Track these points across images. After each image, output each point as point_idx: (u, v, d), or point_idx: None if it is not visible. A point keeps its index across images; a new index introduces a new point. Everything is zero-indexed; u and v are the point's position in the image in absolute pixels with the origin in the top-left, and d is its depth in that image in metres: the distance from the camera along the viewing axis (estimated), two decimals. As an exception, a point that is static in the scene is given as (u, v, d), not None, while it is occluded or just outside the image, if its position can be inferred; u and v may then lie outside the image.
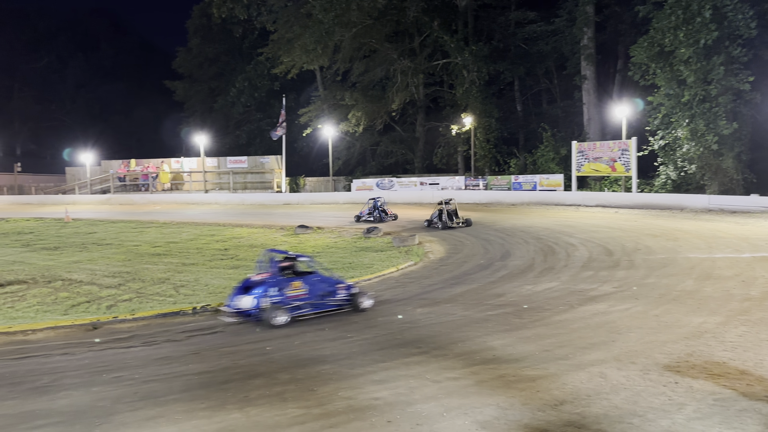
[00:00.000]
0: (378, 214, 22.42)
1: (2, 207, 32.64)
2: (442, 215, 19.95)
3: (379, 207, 22.62)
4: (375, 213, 22.47)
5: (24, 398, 5.36)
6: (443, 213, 19.98)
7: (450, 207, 20.15)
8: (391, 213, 22.94)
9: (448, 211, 19.99)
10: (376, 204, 22.70)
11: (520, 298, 9.40)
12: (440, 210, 20.18)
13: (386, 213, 22.66)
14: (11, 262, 14.50)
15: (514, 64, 37.90)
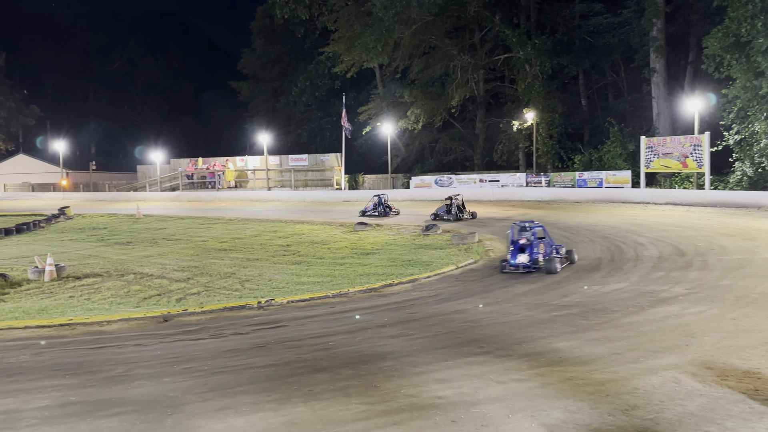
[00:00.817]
0: (382, 209, 23.71)
1: (79, 203, 34.42)
2: (452, 209, 21.23)
3: (384, 203, 23.96)
4: (379, 208, 23.79)
5: (101, 386, 5.61)
6: (452, 206, 21.26)
7: (458, 201, 21.56)
8: (394, 208, 24.32)
9: (457, 205, 21.33)
10: (380, 200, 24.06)
11: (586, 299, 9.13)
12: (448, 204, 21.50)
13: (390, 208, 24.02)
14: (87, 256, 15.27)
15: (578, 58, 36.85)
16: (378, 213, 23.52)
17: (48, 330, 7.95)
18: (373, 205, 24.07)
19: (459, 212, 21.28)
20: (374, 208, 23.83)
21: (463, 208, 21.56)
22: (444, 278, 11.75)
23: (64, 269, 12.37)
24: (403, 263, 13.33)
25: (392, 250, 15.43)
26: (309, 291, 10.46)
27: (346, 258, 14.35)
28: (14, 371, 6.21)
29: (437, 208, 22.17)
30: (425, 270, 12.37)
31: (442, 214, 21.49)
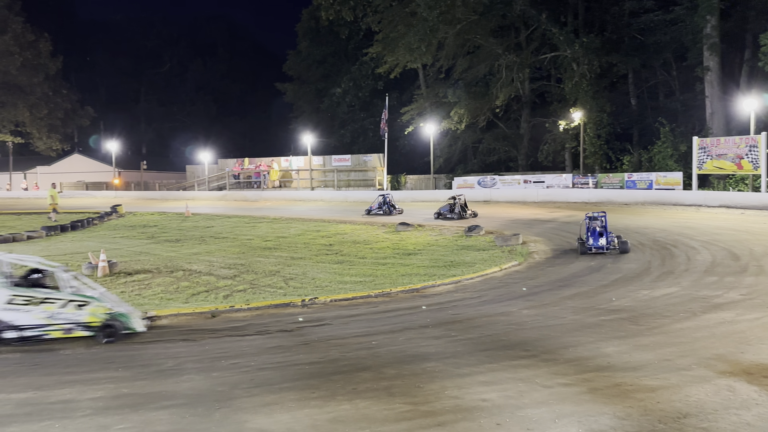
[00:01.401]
0: (387, 207, 24.93)
1: (130, 202, 35.52)
2: (455, 208, 22.42)
3: (388, 202, 25.21)
4: (384, 207, 25.02)
5: (152, 379, 5.78)
6: (456, 206, 22.46)
7: (461, 201, 22.74)
8: (398, 207, 25.40)
9: (460, 204, 22.52)
10: (385, 199, 25.34)
11: (636, 304, 8.89)
12: (452, 204, 22.68)
13: (394, 207, 25.20)
14: (138, 252, 15.73)
15: (628, 56, 35.94)
16: (383, 212, 24.81)
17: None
18: (378, 204, 25.37)
19: (462, 211, 22.47)
20: (379, 207, 25.18)
21: (465, 207, 22.78)
22: (487, 280, 11.64)
23: (116, 265, 12.77)
24: (445, 264, 13.27)
25: (434, 251, 15.38)
26: (351, 290, 10.52)
27: (388, 258, 14.37)
28: (70, 363, 6.46)
29: (440, 207, 23.31)
30: (468, 271, 12.28)
31: (445, 213, 22.63)
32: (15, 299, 7.17)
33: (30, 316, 7.18)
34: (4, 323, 7.10)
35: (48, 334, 7.28)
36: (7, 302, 7.13)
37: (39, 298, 7.25)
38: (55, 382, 5.70)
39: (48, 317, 7.25)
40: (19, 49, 50.05)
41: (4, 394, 5.37)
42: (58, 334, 7.31)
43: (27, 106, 51.93)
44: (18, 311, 7.15)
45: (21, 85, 51.29)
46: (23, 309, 7.16)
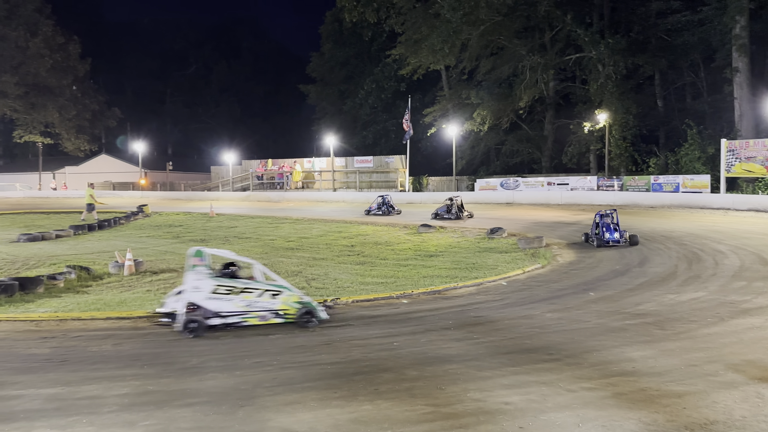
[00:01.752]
0: (385, 208, 26.14)
1: (156, 202, 36.03)
2: (452, 208, 23.32)
3: (387, 203, 26.36)
4: (383, 207, 26.20)
5: (177, 377, 5.85)
6: (453, 206, 23.38)
7: (457, 201, 23.72)
8: (396, 208, 26.55)
9: (456, 205, 23.50)
10: (384, 200, 26.51)
11: (661, 308, 8.75)
12: (449, 205, 23.58)
13: (393, 208, 26.40)
14: (164, 252, 15.94)
15: (654, 57, 35.47)
16: (382, 212, 26.01)
17: (127, 321, 8.35)
18: (377, 205, 26.62)
19: (459, 211, 23.40)
20: (378, 208, 26.43)
21: (462, 208, 23.71)
22: (510, 282, 11.55)
23: (142, 264, 12.96)
24: (467, 266, 13.21)
25: (456, 253, 15.32)
26: (373, 291, 10.53)
27: (410, 259, 14.36)
28: (97, 359, 6.56)
29: (438, 208, 24.20)
30: (490, 274, 12.21)
31: (442, 213, 23.53)
32: (218, 289, 7.81)
33: (231, 305, 7.81)
34: (210, 311, 7.72)
35: (246, 321, 7.90)
36: (211, 292, 7.75)
37: (239, 288, 7.88)
38: (83, 379, 5.80)
39: (246, 305, 7.88)
40: (49, 51, 51.17)
41: (34, 389, 5.48)
42: (255, 321, 7.93)
43: (56, 108, 53.05)
44: (221, 300, 7.78)
45: (51, 87, 52.42)
46: (225, 298, 7.80)
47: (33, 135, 55.29)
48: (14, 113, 53.18)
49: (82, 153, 57.83)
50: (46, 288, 10.51)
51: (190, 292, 7.72)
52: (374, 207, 26.61)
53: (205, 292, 7.71)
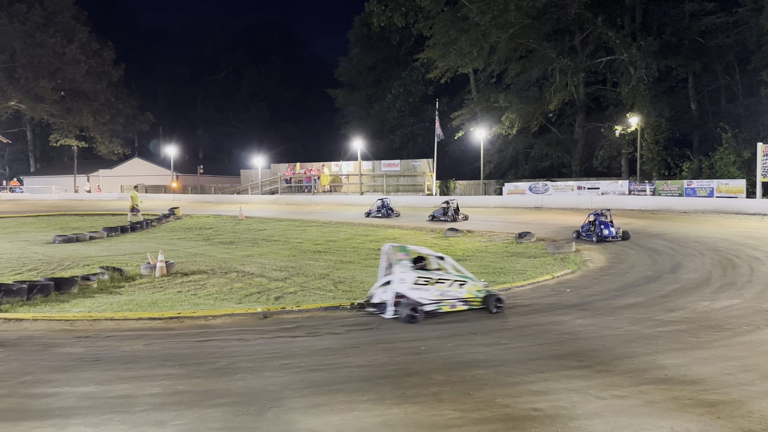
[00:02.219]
0: (385, 211, 27.21)
1: (187, 204, 36.60)
2: (448, 211, 24.49)
3: (386, 206, 27.47)
4: (383, 210, 27.25)
5: (206, 377, 5.93)
6: (449, 209, 24.53)
7: (453, 205, 24.85)
8: (395, 210, 27.67)
9: (453, 208, 24.61)
10: (383, 203, 27.61)
11: (695, 315, 8.56)
12: (445, 207, 24.74)
13: (392, 210, 27.49)
14: (194, 254, 16.19)
15: (688, 60, 34.74)
16: (381, 215, 27.10)
17: (158, 322, 8.50)
18: (377, 208, 27.66)
19: (455, 214, 24.51)
20: (378, 210, 27.45)
21: (458, 211, 24.84)
22: (538, 288, 11.42)
23: (173, 266, 13.17)
24: (495, 271, 13.11)
25: (484, 257, 15.22)
26: (401, 295, 10.50)
27: (438, 263, 14.30)
28: (129, 359, 6.68)
29: (434, 211, 25.34)
30: (518, 279, 12.09)
31: (439, 216, 24.68)
32: (419, 280, 8.68)
33: (429, 294, 8.70)
34: (412, 300, 8.54)
35: (441, 308, 8.78)
36: (413, 283, 8.62)
37: (434, 279, 8.79)
38: (115, 378, 5.91)
39: (440, 294, 8.80)
40: (85, 57, 52.45)
41: (68, 387, 5.61)
42: (446, 308, 8.83)
43: (91, 112, 54.31)
44: (420, 290, 8.65)
45: (86, 92, 53.71)
46: (424, 288, 8.68)
47: (68, 139, 56.72)
48: (51, 117, 54.64)
49: (115, 156, 59.08)
50: (80, 288, 10.76)
51: (398, 284, 8.58)
52: (374, 210, 27.63)
53: (409, 283, 8.58)
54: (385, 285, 8.84)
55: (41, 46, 49.60)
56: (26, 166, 67.99)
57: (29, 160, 68.48)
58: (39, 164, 69.23)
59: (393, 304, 8.53)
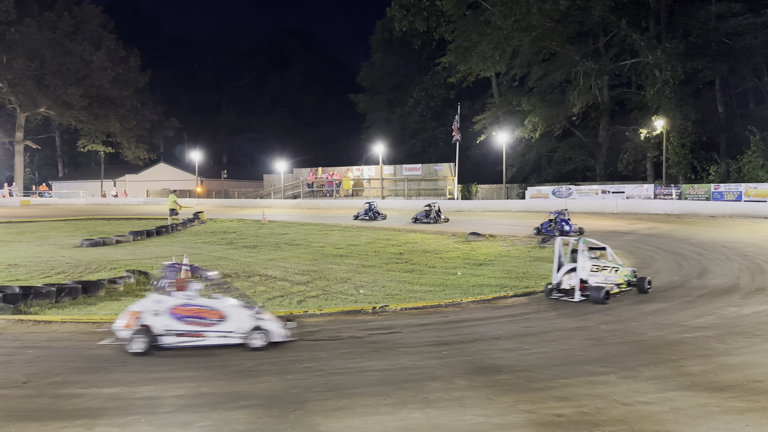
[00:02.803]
0: (372, 214, 27.95)
1: (211, 209, 36.99)
2: (430, 213, 25.85)
3: (373, 209, 28.27)
4: (370, 213, 28.03)
5: (230, 380, 5.99)
6: (431, 212, 25.92)
7: (435, 208, 26.26)
8: (382, 213, 28.54)
9: (435, 211, 25.98)
10: (371, 206, 28.43)
11: (722, 321, 8.41)
12: (427, 210, 26.14)
13: (379, 213, 28.37)
14: (218, 257, 16.35)
15: (715, 62, 34.12)
16: (368, 217, 27.71)
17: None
18: (364, 211, 28.37)
19: (436, 216, 25.85)
20: (365, 213, 28.13)
21: (440, 213, 26.29)
22: (562, 292, 11.30)
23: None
24: (517, 275, 13.02)
25: (506, 262, 15.13)
26: (422, 299, 10.51)
27: (459, 268, 14.26)
28: (155, 361, 6.78)
29: (417, 213, 26.72)
30: (542, 283, 11.98)
31: (421, 218, 25.97)
32: (593, 268, 10.16)
33: (598, 279, 10.12)
34: (590, 285, 9.98)
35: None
36: (590, 270, 10.07)
37: (601, 266, 10.27)
38: (141, 379, 6.01)
39: (604, 279, 10.21)
40: (112, 64, 53.37)
41: (96, 389, 5.72)
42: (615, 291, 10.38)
43: (117, 118, 55.23)
44: (594, 276, 10.11)
45: (112, 98, 54.64)
46: (595, 274, 10.13)
47: (96, 144, 57.77)
48: (79, 123, 55.71)
49: (141, 161, 59.99)
50: (107, 291, 10.95)
51: (582, 271, 10.02)
52: (362, 213, 28.48)
53: (587, 271, 10.03)
54: (569, 272, 10.27)
55: (70, 53, 50.63)
56: (55, 172, 69.41)
57: (58, 165, 69.91)
58: (67, 169, 70.63)
59: (579, 289, 9.95)
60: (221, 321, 7.22)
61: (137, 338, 6.93)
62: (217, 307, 7.32)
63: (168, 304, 7.21)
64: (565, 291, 10.25)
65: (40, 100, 50.80)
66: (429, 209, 26.35)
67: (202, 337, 7.17)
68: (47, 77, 50.80)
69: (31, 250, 17.80)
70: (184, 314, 7.16)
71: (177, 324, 7.11)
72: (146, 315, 7.09)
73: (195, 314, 7.19)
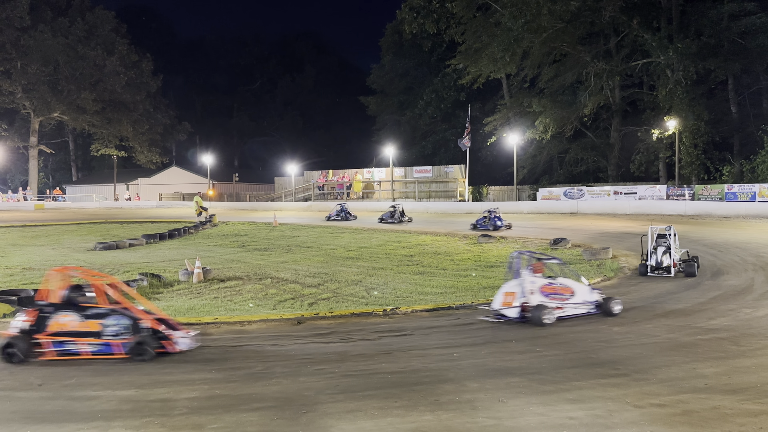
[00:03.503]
0: (344, 214, 29.30)
1: (223, 212, 37.20)
2: (395, 214, 27.12)
3: (345, 209, 29.66)
4: (342, 214, 29.33)
5: (242, 382, 6.04)
6: (396, 212, 27.19)
7: (399, 208, 27.61)
8: (353, 214, 29.80)
9: (399, 211, 27.30)
10: (342, 207, 29.87)
11: (736, 323, 8.34)
12: (392, 211, 27.38)
13: (350, 214, 29.62)
14: (230, 260, 16.45)
15: (727, 61, 33.77)
16: (340, 218, 29.09)
17: (196, 327, 8.67)
18: (336, 212, 29.72)
19: (401, 216, 27.10)
20: (337, 214, 29.48)
21: (403, 214, 27.49)
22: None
23: (210, 272, 13.43)
24: (530, 277, 12.97)
25: (518, 264, 15.07)
26: (432, 301, 10.51)
27: (470, 270, 14.25)
28: (167, 364, 6.84)
29: (383, 214, 27.86)
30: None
31: (387, 218, 27.13)
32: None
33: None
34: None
35: None
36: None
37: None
38: (155, 382, 6.07)
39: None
40: (125, 69, 53.87)
41: (110, 391, 5.78)
42: None
43: (130, 122, 55.71)
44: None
45: (125, 103, 55.12)
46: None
47: (109, 148, 58.31)
48: (92, 128, 56.28)
49: (154, 165, 60.45)
50: (121, 294, 11.04)
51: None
52: (333, 213, 29.60)
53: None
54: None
55: (83, 58, 51.16)
56: (68, 176, 70.11)
57: (71, 169, 70.61)
58: (81, 173, 71.30)
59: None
60: (572, 296, 8.94)
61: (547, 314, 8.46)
62: (568, 284, 9.07)
63: (538, 284, 8.78)
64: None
65: (54, 104, 51.37)
66: (393, 210, 27.65)
67: (562, 310, 8.78)
68: (61, 82, 51.38)
69: (46, 254, 18.00)
70: (549, 291, 8.83)
71: (545, 299, 8.68)
72: (522, 294, 8.66)
73: (555, 291, 8.87)
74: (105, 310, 7.13)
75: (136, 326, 7.01)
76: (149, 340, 6.90)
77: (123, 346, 6.93)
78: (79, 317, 7.02)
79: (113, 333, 6.98)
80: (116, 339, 6.95)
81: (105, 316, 7.06)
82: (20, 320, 7.01)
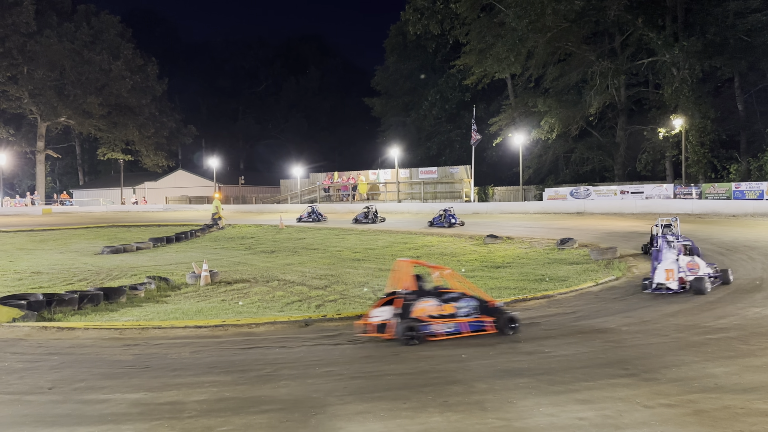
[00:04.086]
0: (315, 215, 30.56)
1: (229, 215, 37.27)
2: (369, 214, 28.52)
3: (316, 211, 30.91)
4: (313, 215, 30.58)
5: (251, 384, 6.04)
6: (369, 213, 28.58)
7: (373, 209, 29.07)
8: (323, 216, 31.07)
9: (372, 212, 28.75)
10: (313, 209, 31.24)
11: (745, 322, 8.29)
12: (366, 212, 28.79)
13: (321, 215, 30.95)
14: (237, 263, 16.48)
15: (733, 59, 33.66)
16: (312, 219, 30.27)
17: (204, 330, 8.69)
18: (307, 213, 30.83)
19: (374, 216, 28.38)
20: (308, 215, 30.63)
21: (377, 214, 28.83)
22: (582, 295, 11.24)
23: (217, 275, 13.45)
24: (536, 278, 12.95)
25: (524, 264, 15.06)
26: (441, 303, 10.47)
27: (477, 271, 14.22)
28: (176, 366, 6.85)
29: (357, 215, 29.10)
30: (561, 286, 11.93)
31: (361, 219, 28.34)
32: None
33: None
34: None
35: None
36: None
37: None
38: (164, 385, 6.08)
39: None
40: (130, 73, 54.16)
41: (119, 394, 5.79)
42: None
43: (136, 126, 55.98)
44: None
45: (131, 107, 55.40)
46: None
47: (115, 152, 58.61)
48: (98, 132, 56.60)
49: (160, 169, 60.70)
50: (128, 297, 11.09)
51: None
52: (305, 215, 30.72)
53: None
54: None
55: (89, 63, 51.45)
56: (75, 180, 70.51)
57: (78, 173, 71.00)
58: (87, 177, 71.69)
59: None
60: (699, 270, 10.78)
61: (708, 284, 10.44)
62: (696, 261, 10.94)
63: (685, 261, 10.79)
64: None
65: (61, 109, 51.70)
66: (368, 210, 28.98)
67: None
68: (67, 87, 51.69)
69: (54, 258, 18.09)
70: (692, 267, 10.83)
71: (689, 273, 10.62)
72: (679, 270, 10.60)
73: (693, 267, 10.79)
74: (457, 294, 8.05)
75: (485, 307, 7.92)
76: (503, 317, 7.83)
77: (470, 325, 7.78)
78: (437, 302, 7.85)
79: (464, 314, 7.86)
80: (466, 319, 7.82)
81: (457, 299, 7.96)
82: (389, 308, 7.76)
